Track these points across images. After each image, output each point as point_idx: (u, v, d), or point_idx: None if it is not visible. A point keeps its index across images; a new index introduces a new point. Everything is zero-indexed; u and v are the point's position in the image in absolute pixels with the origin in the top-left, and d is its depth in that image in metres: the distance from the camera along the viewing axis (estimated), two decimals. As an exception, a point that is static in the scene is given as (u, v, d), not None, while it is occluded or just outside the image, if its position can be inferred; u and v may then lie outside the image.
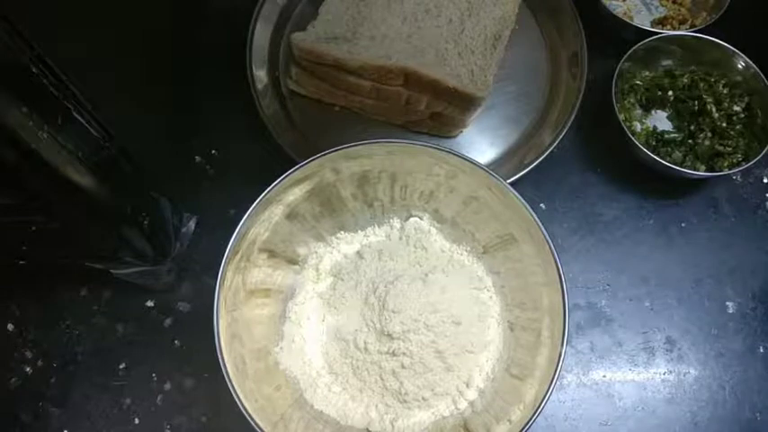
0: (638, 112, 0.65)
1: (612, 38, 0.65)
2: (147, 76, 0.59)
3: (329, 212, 0.53)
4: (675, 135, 0.62)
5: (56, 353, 0.55)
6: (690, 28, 0.67)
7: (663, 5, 0.71)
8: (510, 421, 0.44)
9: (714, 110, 0.62)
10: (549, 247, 0.45)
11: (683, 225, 0.62)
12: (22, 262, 0.49)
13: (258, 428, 0.41)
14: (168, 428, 0.53)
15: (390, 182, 0.52)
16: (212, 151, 0.63)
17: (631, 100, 0.64)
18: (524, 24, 0.67)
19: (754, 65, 0.61)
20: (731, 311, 0.59)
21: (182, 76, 0.65)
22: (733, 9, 0.65)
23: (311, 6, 0.64)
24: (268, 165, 0.52)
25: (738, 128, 0.61)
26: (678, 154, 0.61)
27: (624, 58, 0.61)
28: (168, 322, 0.56)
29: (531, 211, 0.46)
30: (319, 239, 0.54)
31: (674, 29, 0.68)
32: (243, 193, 0.47)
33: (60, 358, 0.55)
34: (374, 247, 0.54)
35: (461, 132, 0.63)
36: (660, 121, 0.65)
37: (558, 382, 0.48)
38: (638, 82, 0.64)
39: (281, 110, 0.62)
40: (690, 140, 0.62)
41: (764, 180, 0.65)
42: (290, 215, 0.50)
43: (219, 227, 0.56)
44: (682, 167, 0.59)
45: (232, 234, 0.44)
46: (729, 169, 0.59)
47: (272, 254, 0.50)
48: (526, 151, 0.61)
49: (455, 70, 0.59)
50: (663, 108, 0.65)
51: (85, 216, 0.43)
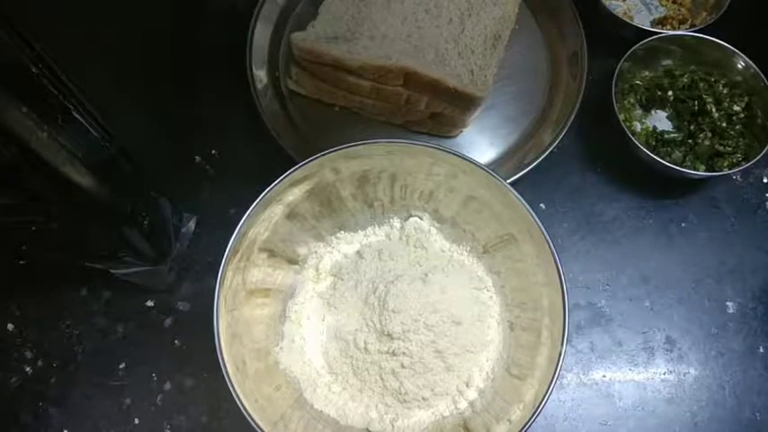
0: (638, 111, 0.65)
1: (612, 38, 0.65)
2: (147, 75, 0.59)
3: (329, 212, 0.53)
4: (675, 135, 0.62)
5: (56, 353, 0.55)
6: (690, 28, 0.67)
7: (663, 5, 0.71)
8: (510, 421, 0.44)
9: (714, 110, 0.62)
10: (549, 246, 0.45)
11: (683, 225, 0.62)
12: (22, 262, 0.49)
13: (258, 428, 0.41)
14: (168, 428, 0.53)
15: (390, 182, 0.52)
16: (212, 151, 0.63)
17: (631, 100, 0.64)
18: (524, 24, 0.67)
19: (754, 65, 0.61)
20: (731, 311, 0.59)
21: (182, 76, 0.65)
22: (733, 9, 0.65)
23: (311, 6, 0.64)
24: (268, 165, 0.52)
25: (738, 128, 0.61)
26: (678, 154, 0.61)
27: (624, 57, 0.61)
28: (168, 322, 0.56)
29: (531, 211, 0.46)
30: (319, 239, 0.54)
31: (674, 29, 0.68)
32: (243, 193, 0.47)
33: (60, 358, 0.55)
34: (374, 247, 0.54)
35: (461, 132, 0.63)
36: (660, 121, 0.65)
37: (558, 381, 0.49)
38: (638, 82, 0.65)
39: (281, 110, 0.62)
40: (690, 140, 0.62)
41: (764, 180, 0.65)
42: (290, 215, 0.50)
43: (219, 227, 0.56)
44: (682, 167, 0.59)
45: (232, 234, 0.44)
46: (729, 169, 0.59)
47: (271, 254, 0.50)
48: (526, 151, 0.61)
49: (455, 70, 0.59)
50: (663, 108, 0.65)
51: (85, 216, 0.43)
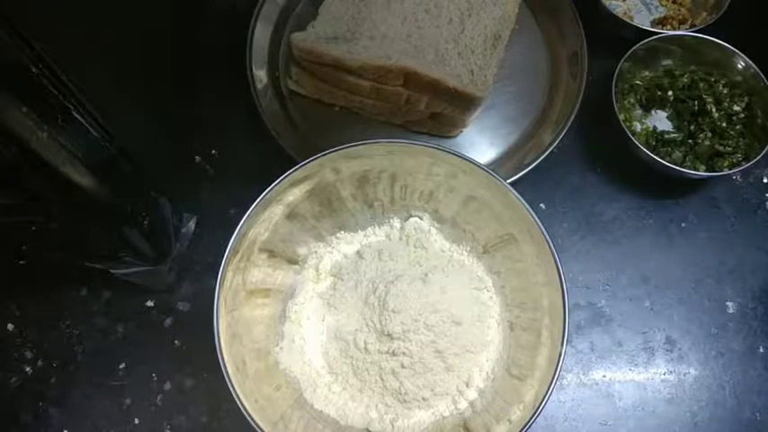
0: (638, 111, 0.65)
1: (612, 38, 0.65)
2: (147, 75, 0.59)
3: (329, 212, 0.53)
4: (675, 135, 0.62)
5: (56, 353, 0.55)
6: (690, 28, 0.67)
7: (663, 5, 0.71)
8: (510, 421, 0.44)
9: (714, 110, 0.62)
10: (549, 247, 0.45)
11: (683, 225, 0.62)
12: (22, 262, 0.49)
13: (258, 428, 0.41)
14: (168, 428, 0.53)
15: (390, 182, 0.52)
16: (212, 151, 0.63)
17: (631, 100, 0.64)
18: (524, 24, 0.67)
19: (754, 65, 0.61)
20: (731, 311, 0.59)
21: (182, 76, 0.65)
22: (733, 9, 0.65)
23: (311, 6, 0.64)
24: (268, 165, 0.52)
25: (738, 128, 0.61)
26: (678, 154, 0.61)
27: (624, 57, 0.61)
28: (168, 322, 0.56)
29: (531, 211, 0.46)
30: (319, 239, 0.54)
31: (674, 29, 0.68)
32: (243, 193, 0.47)
33: (60, 358, 0.55)
34: (374, 247, 0.54)
35: (461, 132, 0.63)
36: (660, 121, 0.65)
37: (558, 382, 0.48)
38: (638, 82, 0.65)
39: (281, 110, 0.62)
40: (690, 140, 0.62)
41: (764, 180, 0.65)
42: (290, 215, 0.50)
43: (219, 227, 0.56)
44: (682, 167, 0.59)
45: (232, 234, 0.44)
46: (729, 169, 0.59)
47: (272, 254, 0.50)
48: (526, 151, 0.61)
49: (455, 70, 0.59)
50: (663, 108, 0.65)
51: (85, 216, 0.43)
